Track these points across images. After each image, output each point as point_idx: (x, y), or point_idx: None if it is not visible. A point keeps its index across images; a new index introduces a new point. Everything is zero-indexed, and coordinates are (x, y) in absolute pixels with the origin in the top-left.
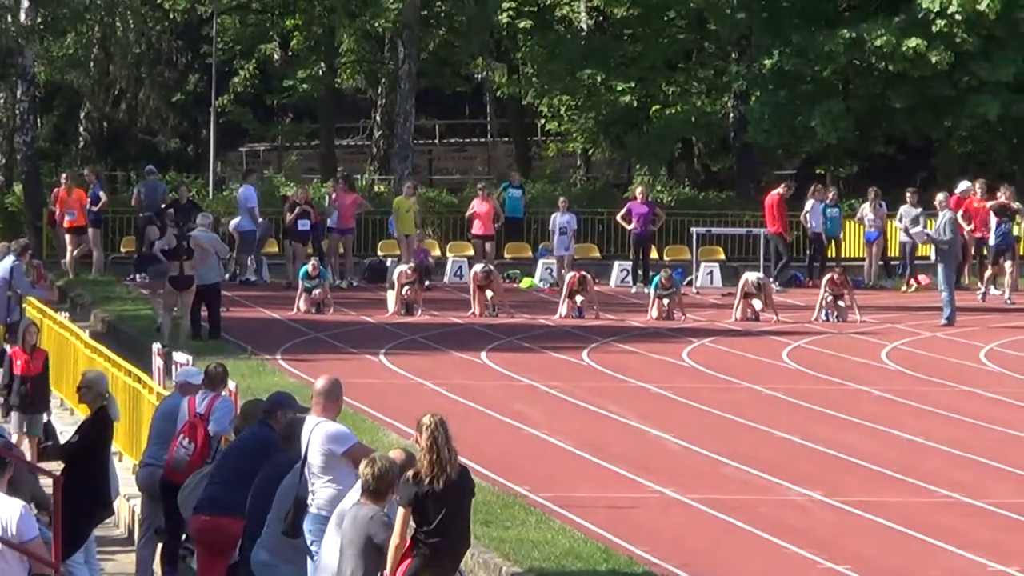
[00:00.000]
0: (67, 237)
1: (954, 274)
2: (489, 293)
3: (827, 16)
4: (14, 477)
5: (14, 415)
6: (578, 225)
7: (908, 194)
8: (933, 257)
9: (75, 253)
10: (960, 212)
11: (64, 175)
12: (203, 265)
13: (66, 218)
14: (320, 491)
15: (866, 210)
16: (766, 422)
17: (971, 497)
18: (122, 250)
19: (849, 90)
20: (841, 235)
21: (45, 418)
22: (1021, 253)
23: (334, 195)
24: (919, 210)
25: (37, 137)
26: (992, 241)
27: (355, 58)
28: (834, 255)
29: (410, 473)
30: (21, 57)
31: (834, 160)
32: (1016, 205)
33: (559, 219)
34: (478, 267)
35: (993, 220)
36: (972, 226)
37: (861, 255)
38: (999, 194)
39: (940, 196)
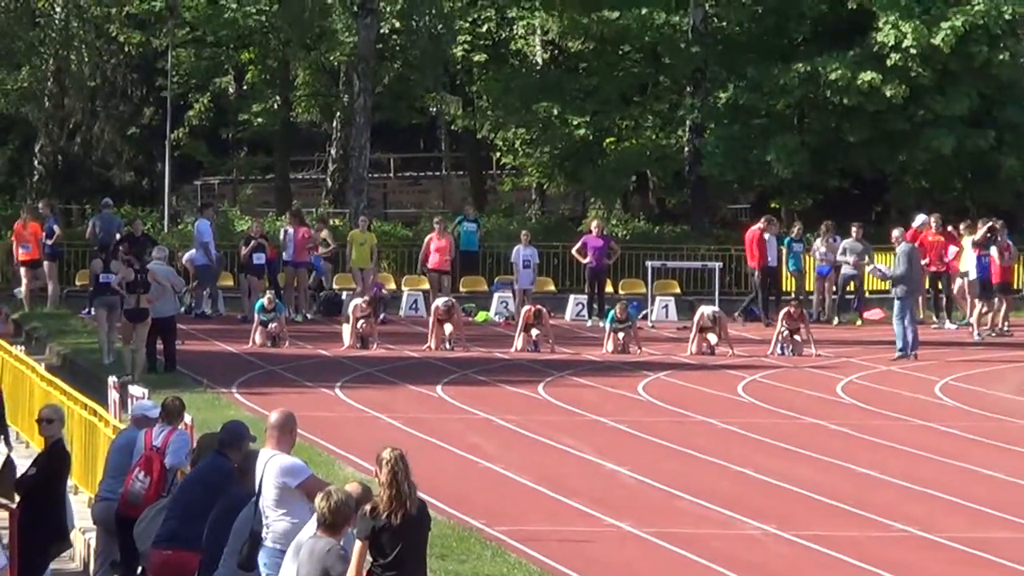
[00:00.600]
0: (22, 270)
1: (908, 308)
2: (448, 327)
3: (782, 50)
4: None
5: None
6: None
7: (853, 228)
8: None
9: (30, 286)
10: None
11: (22, 208)
12: (159, 299)
13: (21, 251)
14: (275, 524)
15: (818, 244)
16: (721, 456)
17: (925, 531)
18: (77, 283)
19: (804, 124)
20: (804, 269)
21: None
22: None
23: (289, 229)
24: (863, 245)
25: None
26: (974, 275)
27: (310, 91)
28: (796, 289)
29: (368, 507)
30: None
31: (789, 194)
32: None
33: (522, 252)
34: (439, 300)
35: (972, 254)
36: (927, 260)
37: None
38: (978, 227)
39: (896, 232)
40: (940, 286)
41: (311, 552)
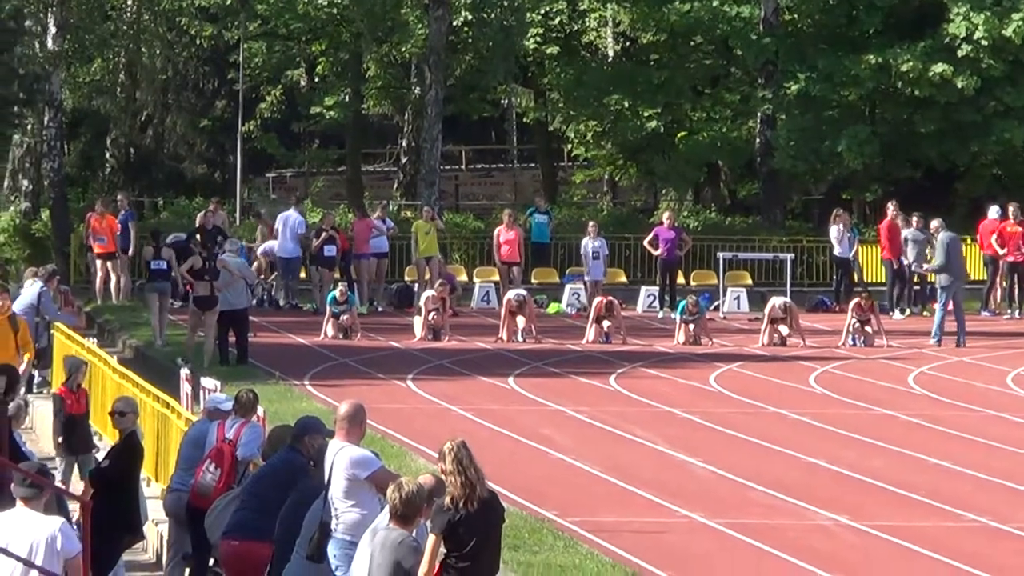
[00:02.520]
0: (97, 263)
1: (949, 296)
2: (520, 319)
3: (853, 41)
4: (48, 500)
5: (60, 459)
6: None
7: (914, 219)
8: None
9: (105, 279)
10: (994, 236)
11: (98, 201)
12: (231, 290)
13: (96, 244)
14: (344, 516)
15: (835, 232)
16: (793, 447)
17: (998, 521)
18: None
19: (875, 115)
20: (859, 259)
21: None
22: None
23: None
24: (924, 235)
25: (64, 163)
26: None
27: (382, 84)
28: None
29: (446, 499)
30: (48, 83)
31: (860, 185)
32: None
33: (591, 244)
34: (512, 293)
35: None
36: (1005, 250)
37: (883, 280)
38: None
39: (935, 223)
40: (1017, 277)
41: (383, 543)
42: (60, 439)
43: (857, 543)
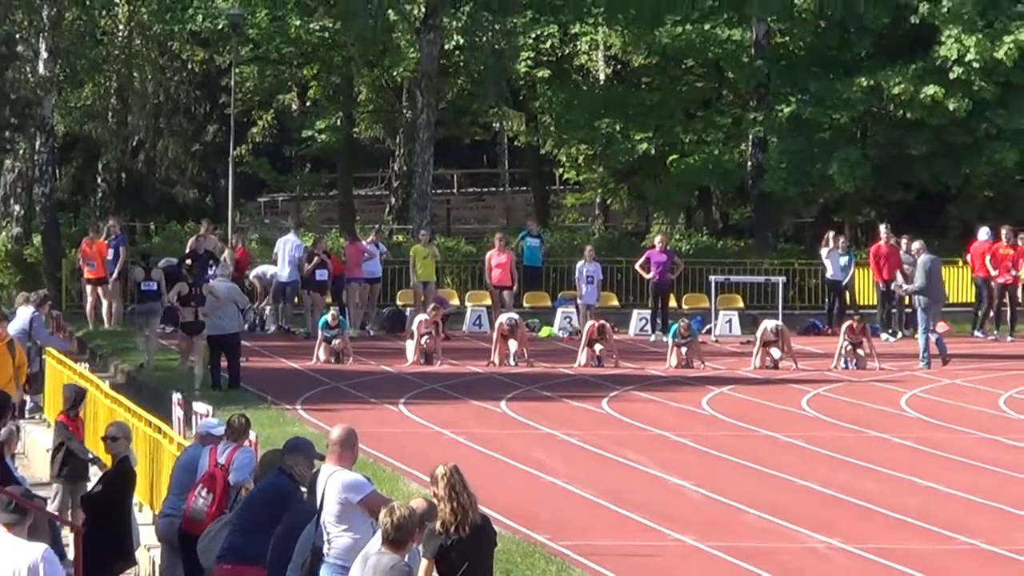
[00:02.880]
0: (87, 288)
1: (930, 319)
2: (512, 343)
3: (844, 64)
4: (34, 525)
5: (58, 486)
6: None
7: (915, 245)
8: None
9: (95, 304)
10: (987, 258)
11: (89, 227)
12: (222, 315)
13: (87, 269)
14: (336, 540)
15: (825, 254)
16: (786, 470)
17: (991, 544)
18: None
19: (867, 138)
20: (853, 283)
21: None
22: None
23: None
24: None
25: (56, 188)
26: None
27: (373, 108)
28: (847, 303)
29: (437, 524)
30: (40, 108)
31: (851, 208)
32: None
33: (586, 268)
34: (504, 317)
35: None
36: (996, 271)
37: (874, 303)
38: None
39: (916, 244)
40: (1007, 299)
41: (375, 568)
42: (60, 468)
43: (850, 566)
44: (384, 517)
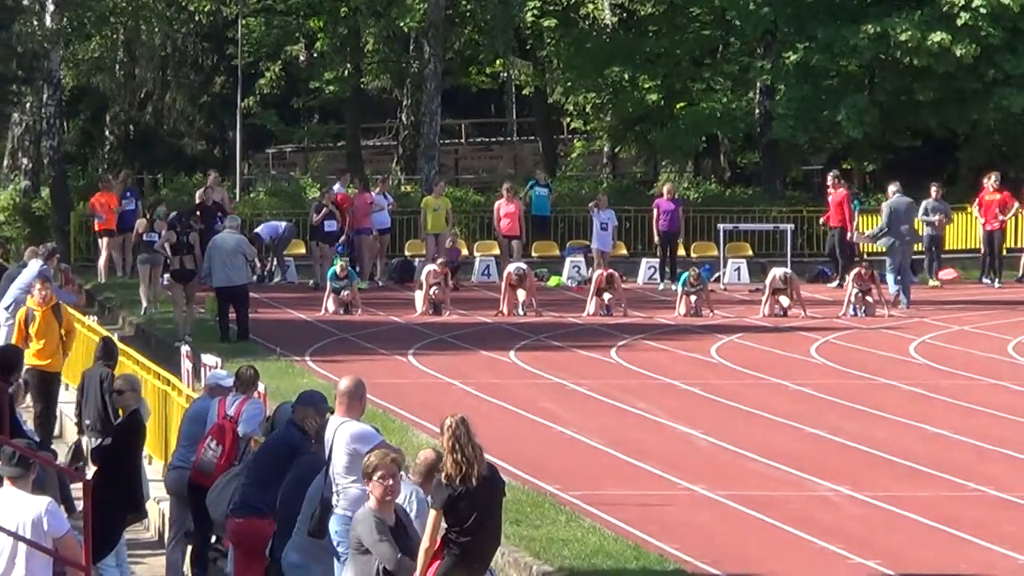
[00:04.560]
0: (103, 241)
1: (896, 260)
2: (521, 293)
3: (851, 11)
4: (41, 479)
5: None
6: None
7: (932, 188)
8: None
9: (108, 256)
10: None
11: (100, 180)
12: (230, 266)
13: (96, 222)
14: (345, 491)
15: None
16: (795, 418)
17: (1000, 490)
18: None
19: (874, 84)
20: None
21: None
22: None
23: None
24: (942, 205)
25: (64, 141)
26: None
27: (380, 58)
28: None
29: (442, 476)
30: (47, 61)
31: (859, 154)
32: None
33: (601, 215)
34: (512, 267)
35: None
36: (983, 219)
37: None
38: None
39: (891, 187)
40: (993, 244)
41: (356, 517)
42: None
43: (859, 513)
44: (365, 460)
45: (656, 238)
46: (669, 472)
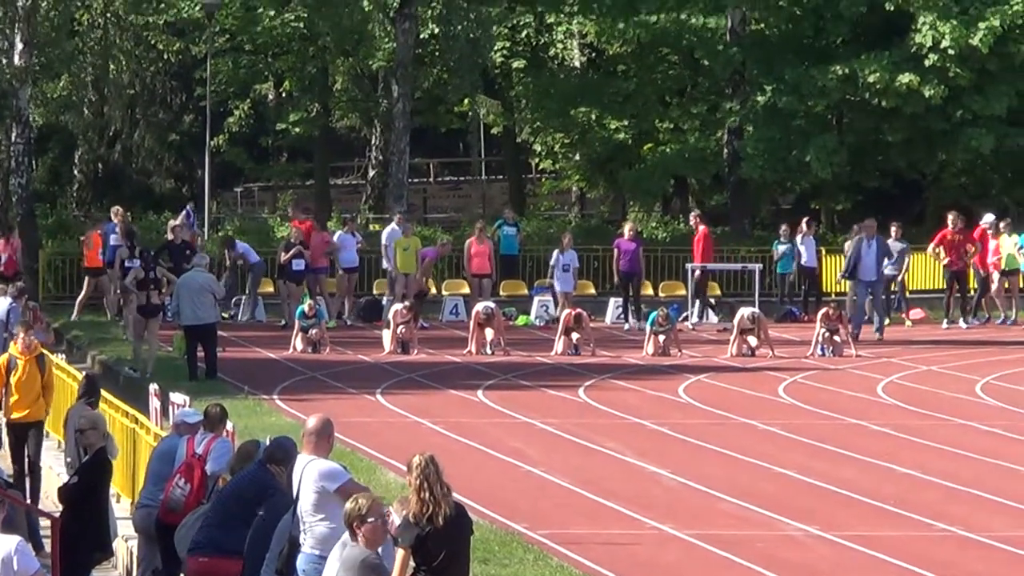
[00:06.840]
0: (86, 279)
1: (861, 295)
2: (489, 332)
3: (820, 52)
4: (11, 518)
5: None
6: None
7: (892, 228)
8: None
9: (88, 295)
10: (938, 246)
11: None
12: (199, 305)
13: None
14: (313, 530)
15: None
16: (763, 457)
17: (968, 530)
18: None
19: (843, 125)
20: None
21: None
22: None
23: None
24: (902, 244)
25: (32, 179)
26: None
27: (349, 97)
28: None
29: (409, 514)
30: (16, 99)
31: (828, 195)
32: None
33: (563, 257)
34: (479, 306)
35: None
36: (948, 259)
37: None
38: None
39: (856, 227)
40: (957, 285)
41: (345, 560)
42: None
43: (827, 554)
44: (349, 505)
45: (616, 278)
46: (637, 511)
